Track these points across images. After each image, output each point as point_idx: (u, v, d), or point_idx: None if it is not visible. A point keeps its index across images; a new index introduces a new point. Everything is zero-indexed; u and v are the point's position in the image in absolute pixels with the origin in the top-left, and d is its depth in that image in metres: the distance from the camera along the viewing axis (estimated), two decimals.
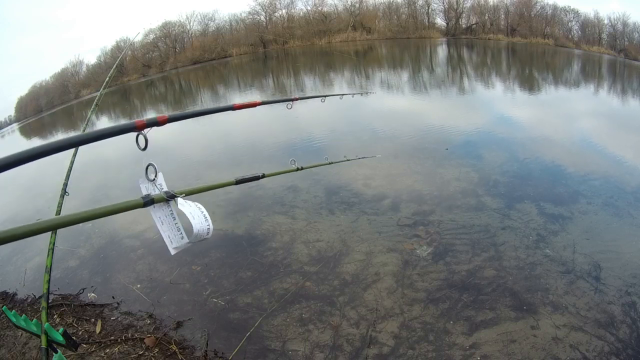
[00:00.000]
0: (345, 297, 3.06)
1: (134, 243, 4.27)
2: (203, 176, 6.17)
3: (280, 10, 31.40)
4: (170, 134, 8.76)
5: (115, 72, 3.59)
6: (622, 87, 12.80)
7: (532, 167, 5.27)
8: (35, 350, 2.77)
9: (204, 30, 31.85)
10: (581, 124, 7.72)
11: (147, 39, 30.41)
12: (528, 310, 2.75)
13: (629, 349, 2.39)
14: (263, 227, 4.24)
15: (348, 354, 2.55)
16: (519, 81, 13.87)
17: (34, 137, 17.03)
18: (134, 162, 7.88)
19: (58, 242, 2.10)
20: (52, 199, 2.52)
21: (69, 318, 3.11)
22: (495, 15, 27.85)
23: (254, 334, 2.79)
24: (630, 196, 4.28)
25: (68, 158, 2.46)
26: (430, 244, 3.63)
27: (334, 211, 4.43)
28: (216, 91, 18.36)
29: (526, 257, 3.33)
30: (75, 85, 29.07)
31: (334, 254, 3.63)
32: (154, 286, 3.46)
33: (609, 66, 18.25)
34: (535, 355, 2.41)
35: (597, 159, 5.52)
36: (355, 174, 5.42)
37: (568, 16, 25.28)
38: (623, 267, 3.11)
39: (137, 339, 2.82)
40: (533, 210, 4.07)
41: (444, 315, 2.78)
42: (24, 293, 3.59)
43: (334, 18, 30.81)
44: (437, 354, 2.49)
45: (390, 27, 30.53)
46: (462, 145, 6.30)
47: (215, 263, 3.70)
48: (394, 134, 7.28)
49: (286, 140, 7.62)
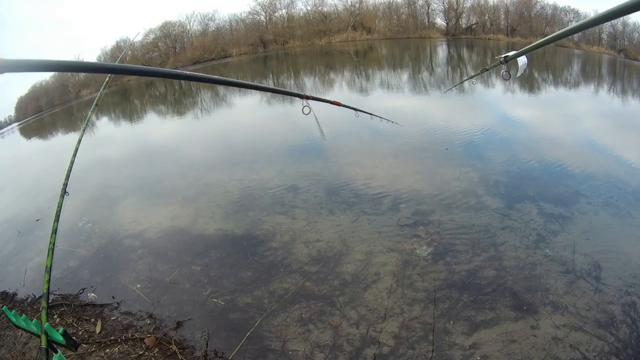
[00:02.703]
0: (345, 297, 3.06)
1: (134, 243, 4.27)
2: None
3: (280, 10, 31.39)
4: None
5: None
6: (622, 87, 12.80)
7: (532, 167, 5.27)
8: (35, 350, 2.77)
9: (204, 30, 31.84)
10: (581, 124, 7.72)
11: (147, 39, 30.40)
12: (528, 310, 2.75)
13: (629, 349, 2.39)
14: (263, 227, 4.24)
15: (348, 354, 2.56)
16: (519, 81, 13.87)
17: (34, 137, 17.03)
18: (133, 162, 7.89)
19: (58, 242, 2.11)
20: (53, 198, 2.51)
21: (69, 318, 3.11)
22: (495, 15, 27.84)
23: (254, 334, 2.79)
24: (630, 196, 4.28)
25: (68, 158, 2.46)
26: (430, 244, 3.63)
27: (334, 211, 4.43)
28: (216, 91, 18.35)
29: (526, 257, 3.33)
30: (75, 85, 29.05)
31: (334, 254, 3.63)
32: (154, 286, 3.46)
33: (609, 66, 18.24)
34: (535, 355, 2.41)
35: (597, 159, 5.51)
36: (355, 173, 5.42)
37: (568, 16, 25.28)
38: (623, 267, 3.11)
39: (137, 339, 2.82)
40: (533, 210, 4.07)
41: (444, 315, 2.78)
42: (24, 293, 3.60)
43: (334, 18, 30.79)
44: (437, 354, 2.49)
45: (390, 27, 30.51)
46: (461, 145, 6.30)
47: (215, 263, 3.70)
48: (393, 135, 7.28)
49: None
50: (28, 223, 5.25)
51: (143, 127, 12.91)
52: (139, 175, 6.79)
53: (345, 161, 5.96)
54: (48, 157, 10.35)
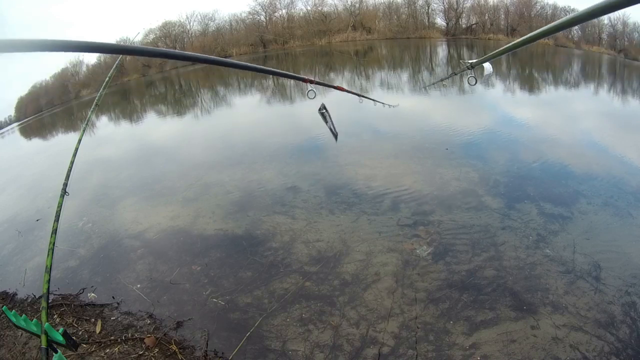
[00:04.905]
0: (345, 297, 3.06)
1: (134, 243, 4.26)
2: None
3: (280, 10, 31.42)
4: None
5: (115, 72, 3.59)
6: (622, 87, 12.79)
7: (532, 167, 5.27)
8: (35, 350, 2.77)
9: (204, 30, 31.87)
10: (581, 124, 7.71)
11: (147, 39, 30.41)
12: (528, 310, 2.75)
13: (629, 349, 2.39)
14: (263, 227, 4.24)
15: (348, 354, 2.55)
16: (519, 81, 13.87)
17: (34, 137, 17.03)
18: (133, 162, 7.88)
19: (58, 242, 2.10)
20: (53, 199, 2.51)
21: (69, 318, 3.11)
22: (495, 15, 27.83)
23: (254, 334, 2.79)
24: (630, 196, 4.27)
25: (68, 158, 2.46)
26: (431, 244, 3.63)
27: (334, 211, 4.43)
28: (216, 92, 18.36)
29: (526, 257, 3.32)
30: (75, 85, 29.06)
31: (334, 254, 3.63)
32: (154, 286, 3.46)
33: (609, 66, 18.24)
34: (535, 355, 2.41)
35: (597, 159, 5.51)
36: (355, 173, 5.42)
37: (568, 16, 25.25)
38: (623, 267, 3.11)
39: (137, 339, 2.82)
40: (533, 210, 4.07)
41: (444, 315, 2.78)
42: (24, 293, 3.60)
43: (334, 18, 30.80)
44: (437, 354, 2.49)
45: (390, 27, 30.51)
46: (462, 145, 6.29)
47: (215, 263, 3.70)
48: (395, 134, 7.28)
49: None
50: (28, 223, 5.25)
51: (143, 127, 12.91)
52: (139, 175, 6.79)
53: (345, 161, 5.96)
54: (48, 157, 10.34)
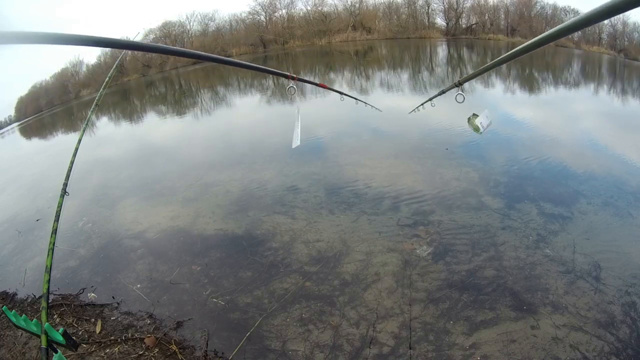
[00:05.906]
0: (345, 297, 3.06)
1: (134, 243, 4.26)
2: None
3: (280, 10, 31.45)
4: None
5: (115, 72, 3.59)
6: (622, 87, 12.79)
7: (533, 167, 5.27)
8: (35, 350, 2.77)
9: (204, 30, 31.90)
10: (581, 124, 7.72)
11: (147, 39, 30.38)
12: (528, 310, 2.75)
13: (629, 349, 2.39)
14: (263, 227, 4.24)
15: (348, 354, 2.55)
16: (519, 81, 13.87)
17: (34, 137, 17.03)
18: (133, 162, 7.88)
19: (58, 242, 2.10)
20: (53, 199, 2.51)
21: (69, 318, 3.11)
22: (495, 15, 27.85)
23: (254, 334, 2.79)
24: (630, 196, 4.27)
25: (68, 158, 2.46)
26: (431, 244, 3.63)
27: (334, 211, 4.43)
28: (216, 92, 18.36)
29: (526, 257, 3.32)
30: (75, 85, 29.08)
31: (334, 254, 3.63)
32: (154, 286, 3.46)
33: (609, 66, 18.24)
34: (535, 355, 2.41)
35: (597, 159, 5.51)
36: (355, 173, 5.42)
37: (568, 16, 25.26)
38: (623, 267, 3.11)
39: (137, 339, 2.82)
40: (533, 210, 4.07)
41: (444, 315, 2.78)
42: (24, 293, 3.59)
43: (334, 18, 30.81)
44: (437, 354, 2.49)
45: (390, 27, 30.52)
46: (462, 145, 6.30)
47: (215, 263, 3.70)
48: (395, 134, 7.28)
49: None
50: (28, 223, 5.25)
51: (143, 127, 12.91)
52: (139, 175, 6.79)
53: (345, 161, 5.96)
54: (48, 157, 10.34)
